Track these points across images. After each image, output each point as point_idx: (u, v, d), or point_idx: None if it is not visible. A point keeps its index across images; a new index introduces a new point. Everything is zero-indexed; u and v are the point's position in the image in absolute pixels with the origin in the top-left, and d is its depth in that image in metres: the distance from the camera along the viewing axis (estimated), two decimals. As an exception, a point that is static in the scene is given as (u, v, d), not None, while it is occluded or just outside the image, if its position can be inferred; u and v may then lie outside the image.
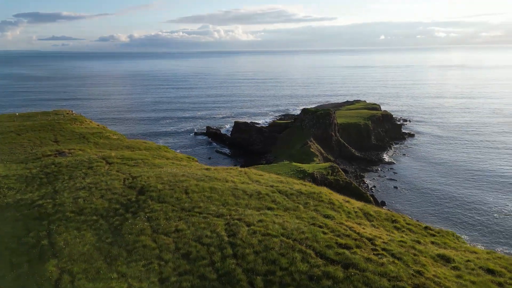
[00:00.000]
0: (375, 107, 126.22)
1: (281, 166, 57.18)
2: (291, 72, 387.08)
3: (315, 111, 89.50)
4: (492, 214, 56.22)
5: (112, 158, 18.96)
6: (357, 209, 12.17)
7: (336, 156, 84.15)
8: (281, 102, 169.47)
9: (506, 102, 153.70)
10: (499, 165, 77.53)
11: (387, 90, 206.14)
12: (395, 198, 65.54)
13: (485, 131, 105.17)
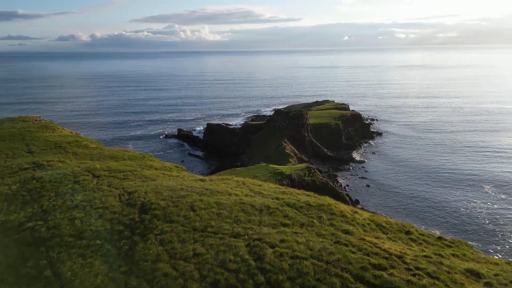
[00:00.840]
0: (344, 107, 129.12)
1: (258, 168, 57.08)
2: (260, 72, 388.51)
3: (288, 112, 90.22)
4: (459, 210, 58.64)
5: (98, 170, 17.87)
6: (368, 220, 12.15)
7: (309, 156, 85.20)
8: (252, 103, 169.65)
9: (466, 101, 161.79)
10: (462, 162, 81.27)
11: (354, 90, 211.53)
12: (368, 196, 67.23)
13: (448, 130, 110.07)
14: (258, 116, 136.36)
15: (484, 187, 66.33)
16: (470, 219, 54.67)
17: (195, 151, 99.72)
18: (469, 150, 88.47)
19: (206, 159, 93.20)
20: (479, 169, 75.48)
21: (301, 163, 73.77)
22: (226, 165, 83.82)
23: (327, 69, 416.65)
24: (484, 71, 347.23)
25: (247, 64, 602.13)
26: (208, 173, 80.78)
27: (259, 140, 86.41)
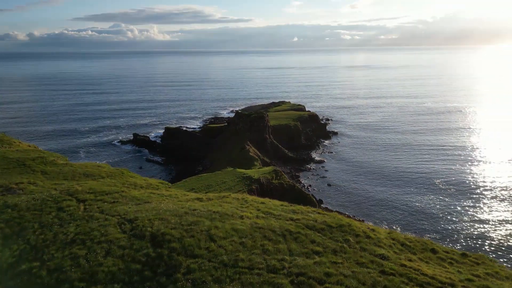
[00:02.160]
0: (300, 108, 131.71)
1: (225, 173, 56.25)
2: (214, 73, 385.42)
3: (249, 115, 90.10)
4: (413, 207, 61.56)
5: (81, 193, 16.09)
6: (390, 239, 12.13)
7: (271, 158, 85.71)
8: (208, 105, 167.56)
9: (410, 101, 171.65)
10: (412, 161, 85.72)
11: (308, 91, 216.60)
12: (330, 195, 68.92)
13: (396, 129, 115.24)
14: (216, 118, 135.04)
15: (434, 184, 69.65)
16: (425, 216, 57.63)
17: (153, 156, 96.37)
18: (417, 149, 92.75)
19: (165, 165, 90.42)
20: (427, 167, 79.43)
21: (264, 165, 73.95)
22: (187, 170, 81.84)
23: (280, 70, 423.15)
24: (423, 70, 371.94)
25: (200, 65, 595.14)
26: (170, 179, 78.34)
27: (221, 143, 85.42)
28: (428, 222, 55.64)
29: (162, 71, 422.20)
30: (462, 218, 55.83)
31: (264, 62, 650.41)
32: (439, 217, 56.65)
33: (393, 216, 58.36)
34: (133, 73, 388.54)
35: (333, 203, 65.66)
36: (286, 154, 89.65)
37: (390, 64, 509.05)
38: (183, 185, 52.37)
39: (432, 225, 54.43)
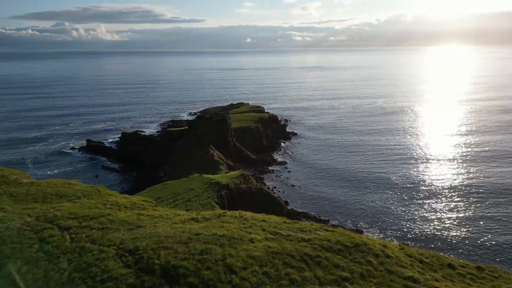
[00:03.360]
0: (260, 109, 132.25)
1: (192, 180, 54.68)
2: (168, 75, 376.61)
3: (211, 118, 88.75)
4: (370, 205, 63.72)
5: (62, 219, 14.33)
6: (405, 254, 12.06)
7: (235, 161, 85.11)
8: (165, 108, 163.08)
9: (362, 101, 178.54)
10: (367, 161, 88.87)
11: (264, 92, 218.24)
12: (295, 196, 69.75)
13: (351, 130, 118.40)
14: (174, 122, 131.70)
15: (390, 184, 71.59)
16: (386, 215, 59.87)
17: (110, 163, 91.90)
18: (371, 149, 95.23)
19: (124, 172, 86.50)
20: (382, 167, 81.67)
21: (229, 169, 73.18)
22: (148, 177, 78.85)
23: (236, 71, 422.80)
24: (372, 71, 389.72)
25: (153, 65, 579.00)
26: (130, 187, 75.02)
27: (182, 148, 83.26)
28: (391, 221, 57.87)
29: (112, 73, 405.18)
30: (420, 216, 58.72)
31: (219, 63, 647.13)
32: (401, 217, 58.99)
33: (355, 215, 60.15)
34: (80, 75, 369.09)
35: (299, 204, 66.51)
36: (249, 156, 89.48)
37: (340, 65, 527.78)
38: (148, 194, 50.23)
39: (396, 225, 56.59)
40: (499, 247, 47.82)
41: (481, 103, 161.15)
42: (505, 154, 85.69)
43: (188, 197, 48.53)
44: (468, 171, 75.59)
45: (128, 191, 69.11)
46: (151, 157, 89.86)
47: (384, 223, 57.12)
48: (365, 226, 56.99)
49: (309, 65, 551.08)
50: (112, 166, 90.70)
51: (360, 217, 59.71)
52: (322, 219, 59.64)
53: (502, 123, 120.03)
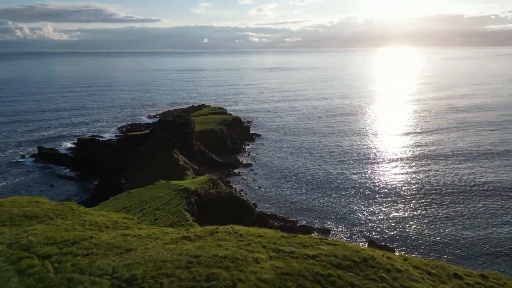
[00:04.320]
0: (222, 111, 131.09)
1: (159, 187, 52.62)
2: (123, 76, 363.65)
3: (174, 121, 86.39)
4: (336, 206, 65.07)
5: (37, 245, 12.64)
6: (411, 266, 11.95)
7: (200, 165, 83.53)
8: (122, 111, 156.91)
9: (321, 102, 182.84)
10: (330, 163, 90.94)
11: (225, 93, 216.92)
12: (263, 198, 69.59)
13: (313, 131, 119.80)
14: (133, 125, 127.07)
15: (350, 185, 72.25)
16: (349, 213, 61.30)
17: (65, 171, 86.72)
18: (332, 151, 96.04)
19: (81, 180, 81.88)
20: (344, 167, 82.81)
21: (195, 173, 71.62)
22: (108, 185, 75.12)
23: (195, 72, 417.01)
24: (328, 72, 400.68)
25: (106, 66, 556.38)
26: (89, 196, 71.10)
27: (145, 152, 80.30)
28: (356, 219, 59.21)
29: (62, 74, 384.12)
30: (382, 213, 60.78)
31: (177, 64, 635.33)
32: (365, 215, 60.61)
33: (321, 215, 61.03)
34: (27, 77, 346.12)
35: (267, 206, 66.48)
36: (214, 160, 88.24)
37: (297, 66, 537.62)
38: (113, 204, 47.71)
39: (361, 223, 57.97)
40: (457, 242, 50.54)
41: (430, 102, 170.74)
42: (459, 152, 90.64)
43: (156, 205, 46.66)
44: (425, 169, 79.06)
45: (88, 200, 65.55)
46: (111, 163, 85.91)
47: (350, 221, 58.41)
48: (333, 225, 57.95)
49: (267, 66, 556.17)
50: (68, 174, 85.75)
51: (326, 216, 60.63)
52: (290, 220, 59.97)
53: (452, 121, 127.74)
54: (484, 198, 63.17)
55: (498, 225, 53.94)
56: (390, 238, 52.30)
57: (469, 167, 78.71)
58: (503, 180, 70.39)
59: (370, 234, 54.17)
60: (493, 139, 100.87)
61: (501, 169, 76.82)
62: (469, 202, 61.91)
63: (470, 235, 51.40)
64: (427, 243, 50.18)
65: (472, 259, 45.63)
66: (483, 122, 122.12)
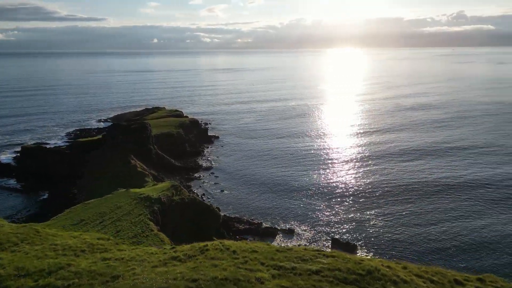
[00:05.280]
0: (178, 114, 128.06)
1: (118, 196, 49.71)
2: (68, 78, 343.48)
3: (129, 125, 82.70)
4: (297, 206, 66.05)
5: (8, 278, 10.86)
6: (413, 275, 11.87)
7: (158, 170, 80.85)
8: (69, 116, 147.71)
9: (276, 104, 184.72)
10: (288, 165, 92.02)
11: (179, 95, 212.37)
12: (226, 201, 68.83)
13: (271, 133, 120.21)
14: (82, 131, 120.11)
15: (310, 185, 73.37)
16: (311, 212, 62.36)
17: (8, 182, 79.88)
18: (290, 152, 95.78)
19: (28, 192, 75.74)
20: (302, 169, 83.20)
21: (154, 179, 69.04)
22: (59, 196, 70.15)
23: (145, 74, 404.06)
24: (280, 73, 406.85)
25: (48, 68, 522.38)
26: (38, 210, 65.76)
27: (99, 159, 75.97)
28: (319, 218, 60.33)
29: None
30: (343, 212, 62.49)
31: (126, 65, 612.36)
32: (326, 214, 61.87)
33: (284, 215, 61.48)
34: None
35: (230, 209, 65.83)
36: (173, 164, 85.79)
37: (250, 67, 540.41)
38: (68, 217, 44.29)
39: (324, 222, 59.08)
40: (414, 238, 53.17)
41: (379, 101, 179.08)
42: (409, 150, 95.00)
43: (116, 216, 44.12)
44: (378, 168, 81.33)
45: (39, 214, 60.85)
46: (61, 172, 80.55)
47: (312, 220, 59.31)
48: (296, 225, 58.48)
49: (220, 67, 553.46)
50: (12, 185, 79.20)
51: (289, 217, 61.10)
52: (255, 222, 59.76)
53: (400, 120, 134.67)
54: (435, 194, 66.67)
55: (451, 220, 57.28)
56: (351, 236, 53.80)
57: (420, 164, 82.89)
58: (451, 176, 74.97)
59: (332, 233, 55.39)
60: (439, 136, 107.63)
61: (448, 166, 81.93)
62: (421, 199, 64.71)
63: (424, 230, 54.11)
64: (387, 239, 52.18)
65: (430, 253, 48.02)
66: (429, 120, 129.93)
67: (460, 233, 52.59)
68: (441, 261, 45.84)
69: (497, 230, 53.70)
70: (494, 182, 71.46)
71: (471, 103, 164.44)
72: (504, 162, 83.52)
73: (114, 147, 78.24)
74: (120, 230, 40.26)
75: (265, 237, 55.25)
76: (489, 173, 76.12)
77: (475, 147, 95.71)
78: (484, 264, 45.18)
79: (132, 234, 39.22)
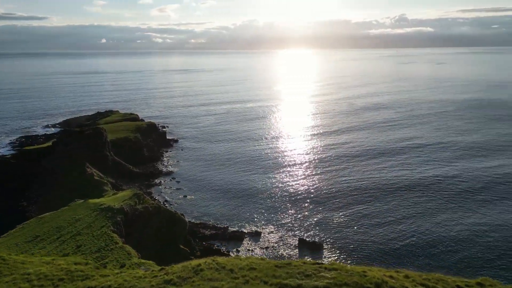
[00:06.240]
0: (134, 117, 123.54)
1: (76, 208, 46.34)
2: (8, 81, 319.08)
3: (83, 131, 78.01)
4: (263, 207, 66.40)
5: None
6: (416, 284, 11.76)
7: (116, 178, 77.29)
8: (11, 122, 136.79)
9: (235, 106, 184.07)
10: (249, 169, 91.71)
11: (134, 97, 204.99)
12: (190, 207, 67.35)
13: (231, 136, 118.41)
14: (28, 138, 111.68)
15: (272, 187, 74.06)
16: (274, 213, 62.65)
17: None
18: (251, 155, 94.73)
19: (-33, 206, 68.86)
20: (263, 171, 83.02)
21: (114, 188, 65.65)
22: (6, 210, 64.42)
23: (95, 75, 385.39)
24: (236, 74, 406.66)
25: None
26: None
27: (50, 169, 70.90)
28: (283, 218, 60.76)
29: None
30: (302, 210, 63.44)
31: (73, 66, 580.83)
32: (289, 214, 62.44)
33: (249, 218, 61.29)
34: None
35: (195, 214, 64.49)
36: (131, 171, 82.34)
37: (205, 68, 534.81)
38: (21, 233, 40.49)
39: (289, 222, 59.65)
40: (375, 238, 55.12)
41: (335, 102, 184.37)
42: (366, 151, 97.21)
43: (76, 230, 41.19)
44: (338, 168, 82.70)
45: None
46: (6, 183, 74.30)
47: (277, 222, 59.57)
48: (262, 228, 58.36)
49: (175, 68, 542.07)
50: (-52, 201, 71.57)
51: (254, 220, 60.89)
52: (221, 227, 58.96)
53: (355, 120, 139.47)
54: (392, 192, 68.84)
55: (410, 217, 59.72)
56: (317, 235, 54.65)
57: (376, 163, 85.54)
58: (407, 174, 78.26)
59: (299, 233, 55.97)
60: (392, 135, 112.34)
61: (403, 164, 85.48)
62: (380, 197, 66.18)
63: (385, 230, 56.10)
64: (351, 238, 53.48)
65: (390, 254, 49.79)
66: (381, 120, 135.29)
67: (417, 231, 54.85)
68: (406, 258, 47.90)
69: (454, 225, 57.01)
70: (448, 178, 75.43)
71: (419, 102, 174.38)
72: (456, 158, 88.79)
73: (67, 155, 73.45)
74: (81, 245, 37.65)
75: (232, 241, 54.82)
76: (443, 170, 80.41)
77: (426, 144, 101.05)
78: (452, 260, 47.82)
79: (95, 248, 36.79)
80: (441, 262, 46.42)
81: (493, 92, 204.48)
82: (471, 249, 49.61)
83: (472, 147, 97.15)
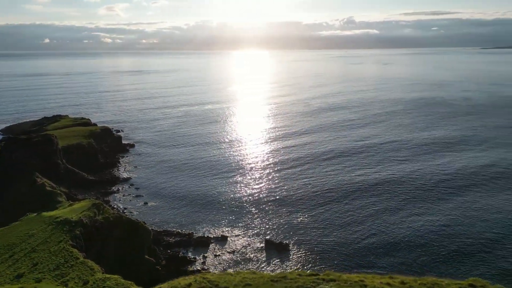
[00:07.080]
0: (86, 122, 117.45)
1: (28, 223, 42.61)
2: None
3: (30, 138, 72.52)
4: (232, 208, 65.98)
5: None
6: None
7: (69, 187, 72.84)
8: None
9: (192, 108, 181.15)
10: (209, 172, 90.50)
11: (84, 101, 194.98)
12: (151, 214, 65.24)
13: (189, 140, 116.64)
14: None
15: (236, 190, 74.98)
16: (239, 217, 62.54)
17: None
18: (211, 159, 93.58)
19: None
20: (227, 175, 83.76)
21: (68, 198, 61.59)
22: None
23: (39, 78, 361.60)
24: (192, 75, 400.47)
25: None
26: None
27: (-6, 180, 65.00)
28: (249, 221, 60.66)
29: None
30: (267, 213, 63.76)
31: (13, 68, 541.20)
32: (256, 217, 62.53)
33: (213, 222, 60.60)
34: None
35: (157, 221, 62.49)
36: (86, 178, 78.04)
37: (158, 69, 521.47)
38: (-34, 254, 36.42)
39: (255, 225, 59.64)
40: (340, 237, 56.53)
41: (292, 103, 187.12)
42: (328, 152, 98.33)
43: (30, 247, 37.97)
44: (301, 169, 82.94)
45: None
46: None
47: (243, 225, 59.23)
48: (228, 232, 57.81)
49: (126, 69, 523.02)
50: None
51: (219, 224, 60.15)
52: (186, 234, 57.53)
53: (314, 121, 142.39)
54: (354, 192, 70.04)
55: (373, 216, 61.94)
56: (282, 236, 55.14)
57: (337, 163, 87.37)
58: (368, 173, 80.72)
59: (265, 235, 56.06)
60: (350, 136, 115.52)
61: (364, 163, 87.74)
62: (342, 198, 67.04)
63: (350, 228, 57.59)
64: (316, 238, 54.42)
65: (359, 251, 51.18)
66: (339, 120, 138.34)
67: (381, 230, 56.81)
68: (372, 256, 49.51)
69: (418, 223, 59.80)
70: (408, 176, 78.13)
71: (371, 102, 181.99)
72: (414, 155, 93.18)
73: (13, 164, 67.95)
74: (38, 263, 34.84)
75: (198, 247, 53.73)
76: (404, 168, 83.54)
77: (382, 143, 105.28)
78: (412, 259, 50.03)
79: (53, 266, 34.15)
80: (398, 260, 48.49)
81: (435, 91, 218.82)
82: (448, 246, 52.21)
83: (424, 144, 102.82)
